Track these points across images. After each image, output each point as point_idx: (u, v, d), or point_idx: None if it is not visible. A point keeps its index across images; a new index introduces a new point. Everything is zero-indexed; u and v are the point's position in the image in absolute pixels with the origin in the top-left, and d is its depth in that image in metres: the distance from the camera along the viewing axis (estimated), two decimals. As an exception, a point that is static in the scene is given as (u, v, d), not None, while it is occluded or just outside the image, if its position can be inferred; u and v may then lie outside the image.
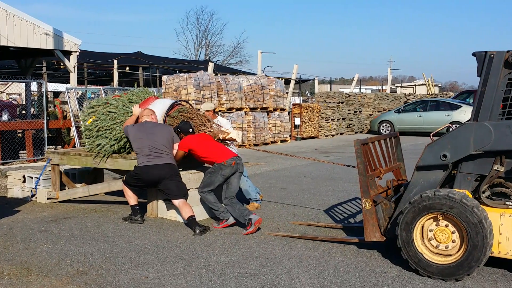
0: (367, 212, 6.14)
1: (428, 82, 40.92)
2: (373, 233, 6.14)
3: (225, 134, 8.31)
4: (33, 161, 14.62)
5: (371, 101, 29.91)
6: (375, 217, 6.13)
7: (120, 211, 8.65)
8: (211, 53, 65.40)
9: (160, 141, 7.79)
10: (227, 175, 7.68)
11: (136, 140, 7.86)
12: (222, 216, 7.65)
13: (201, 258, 6.22)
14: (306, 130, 24.07)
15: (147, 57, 31.90)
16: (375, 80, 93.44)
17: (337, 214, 8.63)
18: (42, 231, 7.52)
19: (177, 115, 8.49)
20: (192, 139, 7.90)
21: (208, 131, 8.25)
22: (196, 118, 8.42)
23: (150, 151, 7.73)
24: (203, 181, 7.84)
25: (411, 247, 5.63)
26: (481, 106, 5.67)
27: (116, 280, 5.53)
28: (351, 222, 8.15)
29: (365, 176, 6.18)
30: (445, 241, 5.55)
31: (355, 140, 6.23)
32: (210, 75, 19.20)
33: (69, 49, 17.56)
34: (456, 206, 5.40)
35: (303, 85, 38.56)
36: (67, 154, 9.21)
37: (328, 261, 6.13)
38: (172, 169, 7.80)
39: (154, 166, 7.71)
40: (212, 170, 7.72)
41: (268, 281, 5.48)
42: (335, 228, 7.67)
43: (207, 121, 8.46)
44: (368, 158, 6.41)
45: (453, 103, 25.89)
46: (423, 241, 5.66)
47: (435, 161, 5.82)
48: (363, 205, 6.15)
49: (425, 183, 5.97)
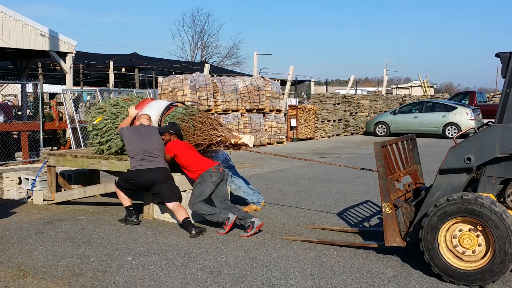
0: (387, 217, 5.97)
1: (423, 84, 41.02)
2: (394, 238, 5.98)
3: (236, 139, 8.07)
4: (29, 163, 14.60)
5: (367, 103, 29.94)
6: (396, 221, 5.97)
7: (116, 213, 8.64)
8: (207, 55, 65.48)
9: (153, 145, 7.79)
10: (217, 181, 7.60)
11: (129, 143, 7.86)
12: (222, 218, 7.43)
13: (197, 260, 6.22)
14: (302, 132, 24.08)
15: (143, 58, 31.93)
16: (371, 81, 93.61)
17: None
18: (38, 232, 7.51)
19: (188, 118, 8.28)
20: (180, 145, 7.84)
21: (220, 135, 8.05)
22: (207, 121, 8.21)
23: (143, 154, 7.73)
24: (193, 193, 7.63)
25: (434, 251, 5.49)
26: (506, 108, 5.53)
27: (112, 282, 5.53)
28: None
29: (385, 180, 5.99)
30: (470, 247, 5.42)
31: (375, 143, 6.06)
32: (206, 76, 19.20)
33: (64, 50, 17.57)
34: (485, 211, 5.24)
35: (299, 86, 38.59)
36: (63, 156, 9.20)
37: (324, 262, 6.13)
38: (165, 172, 7.79)
39: (147, 170, 7.70)
40: (201, 179, 7.58)
41: (264, 283, 5.48)
42: (351, 232, 7.49)
43: (218, 125, 8.21)
44: (387, 161, 6.24)
45: (448, 104, 25.98)
46: (447, 246, 5.52)
47: (459, 164, 5.67)
48: (383, 209, 5.96)
49: (448, 186, 5.81)
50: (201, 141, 8.14)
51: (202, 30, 67.47)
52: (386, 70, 39.21)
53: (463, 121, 24.42)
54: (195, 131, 8.17)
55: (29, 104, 20.21)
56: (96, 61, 28.46)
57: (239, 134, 8.27)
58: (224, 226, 7.40)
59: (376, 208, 9.11)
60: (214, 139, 8.11)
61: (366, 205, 9.34)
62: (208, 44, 66.85)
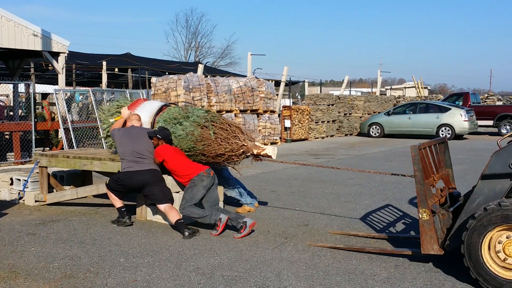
0: (424, 223, 5.77)
1: (417, 85, 41.07)
2: (431, 245, 5.77)
3: (259, 150, 7.68)
4: (20, 163, 14.53)
5: (361, 104, 30.00)
6: (433, 228, 5.77)
7: (109, 214, 8.59)
8: (200, 55, 65.54)
9: (143, 147, 7.76)
10: (208, 185, 7.52)
11: (120, 145, 7.83)
12: (214, 219, 7.36)
13: (190, 261, 6.18)
14: (296, 132, 24.08)
15: (136, 58, 31.82)
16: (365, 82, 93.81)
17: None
18: (29, 234, 7.46)
19: (209, 125, 7.84)
20: (168, 150, 7.74)
21: (242, 145, 7.71)
22: (229, 129, 7.83)
23: (133, 156, 7.70)
24: (184, 198, 7.53)
25: (475, 256, 5.28)
26: None
27: (104, 283, 5.48)
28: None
29: (422, 185, 5.79)
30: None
31: (412, 146, 5.87)
32: (200, 76, 19.15)
33: (57, 50, 17.51)
34: None
35: (293, 87, 38.60)
36: (55, 156, 9.15)
37: (318, 264, 6.10)
38: (155, 174, 7.74)
39: (137, 172, 7.66)
40: (192, 184, 7.49)
41: (257, 284, 5.45)
42: (378, 238, 7.22)
43: (240, 133, 7.83)
44: (424, 164, 6.02)
45: (442, 105, 26.05)
46: (490, 252, 5.31)
47: (502, 169, 5.48)
48: (420, 215, 5.78)
49: (490, 192, 5.59)
50: (222, 151, 7.74)
51: (195, 30, 67.65)
52: (380, 71, 39.27)
53: (457, 122, 24.49)
54: (216, 140, 7.74)
55: (21, 104, 20.17)
56: (89, 61, 28.36)
57: (262, 144, 7.88)
58: (217, 227, 7.34)
59: (369, 208, 9.09)
60: (236, 149, 7.72)
61: (359, 205, 9.32)
62: (201, 45, 66.99)
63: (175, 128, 8.08)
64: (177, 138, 8.02)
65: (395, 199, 9.91)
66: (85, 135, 16.23)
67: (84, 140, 16.15)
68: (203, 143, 7.83)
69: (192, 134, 7.92)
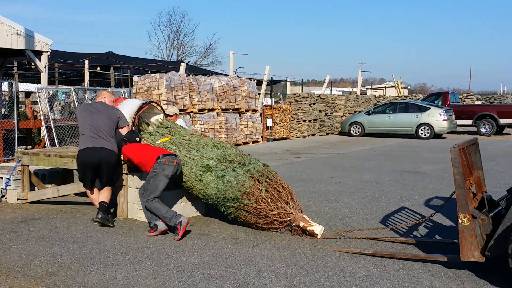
0: (464, 229, 5.49)
1: (397, 85, 41.39)
2: (471, 252, 5.49)
3: (307, 224, 7.06)
4: (3, 162, 14.45)
5: (342, 103, 30.15)
6: (474, 234, 5.49)
7: (90, 212, 8.60)
8: (183, 54, 65.34)
9: (101, 122, 7.66)
10: (170, 174, 7.23)
11: (79, 120, 7.78)
12: (174, 223, 7.04)
13: (170, 259, 6.23)
14: (277, 131, 24.17)
15: (119, 57, 31.76)
16: (346, 82, 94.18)
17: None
18: (11, 231, 7.47)
19: (264, 180, 7.20)
20: (129, 148, 7.68)
21: (289, 212, 7.05)
22: (281, 191, 7.19)
23: (90, 131, 7.60)
24: (146, 188, 7.23)
25: None
26: None
27: (85, 281, 5.52)
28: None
29: (463, 189, 5.51)
30: None
31: (452, 148, 5.58)
32: (182, 75, 19.18)
33: (40, 49, 17.45)
34: None
35: (275, 86, 38.71)
36: (37, 155, 9.14)
37: (298, 262, 6.17)
38: (111, 155, 7.67)
39: (92, 148, 7.58)
40: (154, 173, 7.20)
41: (238, 282, 5.51)
42: (405, 243, 6.92)
43: (291, 200, 7.16)
44: (464, 168, 5.73)
45: (422, 105, 26.30)
46: None
47: None
48: (460, 220, 5.51)
49: None
50: (268, 213, 7.07)
51: (178, 29, 67.36)
52: (361, 71, 39.46)
53: (436, 121, 24.72)
54: (266, 198, 7.09)
55: (4, 103, 20.03)
56: (71, 59, 28.27)
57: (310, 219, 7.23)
58: (177, 231, 7.04)
59: (349, 206, 9.18)
60: (282, 215, 7.07)
61: (339, 203, 9.41)
62: (184, 44, 66.73)
63: (226, 172, 7.41)
64: (224, 183, 7.28)
65: (374, 197, 10.03)
66: (67, 134, 16.18)
67: (66, 138, 16.11)
68: (250, 197, 7.12)
69: (243, 184, 7.21)
